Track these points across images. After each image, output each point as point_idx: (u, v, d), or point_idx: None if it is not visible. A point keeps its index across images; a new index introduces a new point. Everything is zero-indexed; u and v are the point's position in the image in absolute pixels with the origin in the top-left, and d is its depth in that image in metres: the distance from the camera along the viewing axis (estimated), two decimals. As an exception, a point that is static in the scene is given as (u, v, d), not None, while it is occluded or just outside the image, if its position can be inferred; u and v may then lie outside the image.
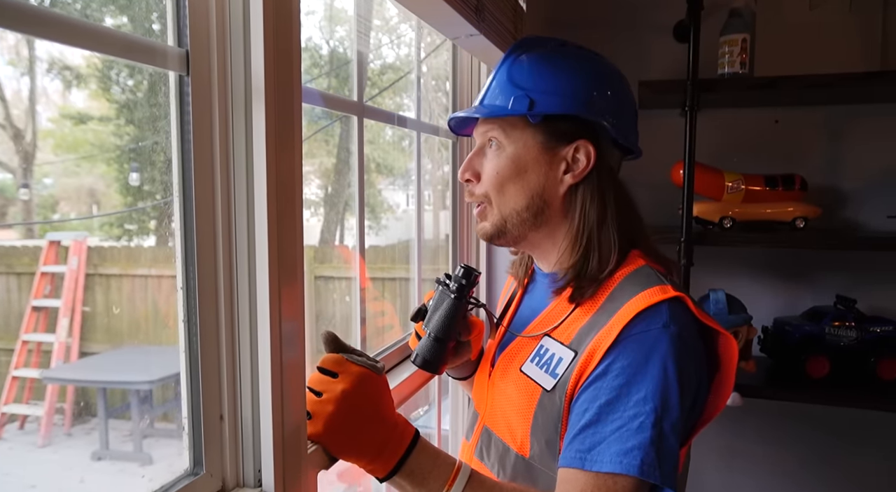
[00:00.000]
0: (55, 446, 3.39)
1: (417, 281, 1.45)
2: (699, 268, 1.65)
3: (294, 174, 0.74)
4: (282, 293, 0.73)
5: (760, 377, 1.71)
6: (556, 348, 0.89)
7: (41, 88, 3.11)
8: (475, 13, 1.15)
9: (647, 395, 0.77)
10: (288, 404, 0.75)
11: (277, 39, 0.71)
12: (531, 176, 0.92)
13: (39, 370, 3.49)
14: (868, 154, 1.79)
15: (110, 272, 3.71)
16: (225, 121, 0.70)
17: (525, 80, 0.92)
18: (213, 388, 0.72)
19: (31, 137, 3.04)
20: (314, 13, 3.64)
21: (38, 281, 3.56)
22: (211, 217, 0.70)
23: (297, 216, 0.76)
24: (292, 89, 0.74)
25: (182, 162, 0.69)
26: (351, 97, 1.10)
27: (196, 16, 0.67)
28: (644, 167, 1.82)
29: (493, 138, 0.94)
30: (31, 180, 3.02)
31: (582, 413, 0.80)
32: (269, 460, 0.73)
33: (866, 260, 1.80)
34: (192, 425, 0.71)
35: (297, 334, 0.77)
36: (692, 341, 0.83)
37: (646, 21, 1.90)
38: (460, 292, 0.95)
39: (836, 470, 1.90)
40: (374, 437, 0.82)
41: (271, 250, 0.71)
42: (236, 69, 0.70)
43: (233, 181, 0.71)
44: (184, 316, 0.70)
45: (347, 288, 3.08)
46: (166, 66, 0.67)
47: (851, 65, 1.68)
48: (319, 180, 4.27)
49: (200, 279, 0.69)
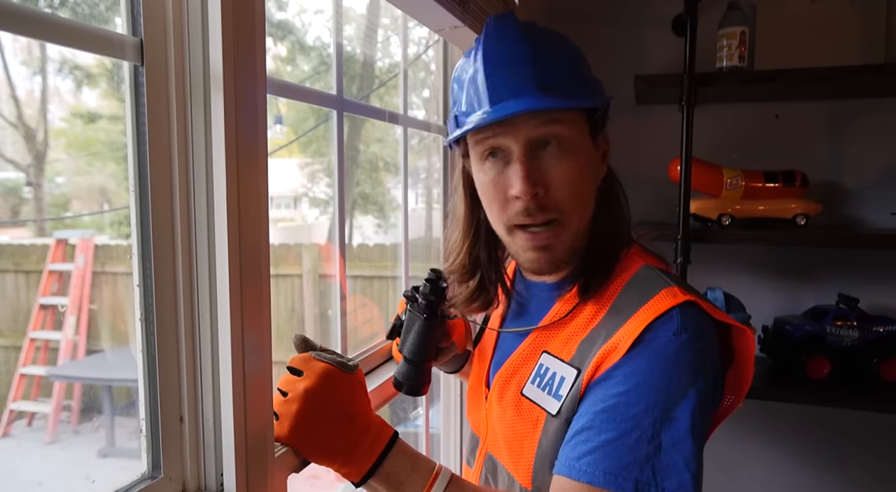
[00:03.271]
0: (62, 443, 3.41)
1: (405, 279, 1.43)
2: (697, 266, 1.62)
3: (258, 168, 0.72)
4: (244, 291, 0.70)
5: (760, 378, 1.68)
6: (558, 367, 0.80)
7: (53, 88, 3.13)
8: (459, 5, 1.13)
9: (648, 407, 0.70)
10: (252, 405, 0.73)
11: (238, 26, 0.68)
12: (596, 176, 0.84)
13: (47, 368, 3.52)
14: (871, 150, 1.74)
15: (117, 270, 3.73)
16: (183, 112, 0.68)
17: (575, 69, 0.80)
18: (171, 388, 0.70)
19: (42, 136, 3.05)
20: (322, 12, 3.64)
21: (46, 279, 3.59)
22: (169, 213, 0.68)
23: (262, 212, 0.74)
24: (255, 79, 0.72)
25: (138, 156, 0.67)
26: (332, 91, 1.08)
27: (151, 2, 0.65)
28: (641, 163, 1.80)
29: (554, 137, 0.78)
30: (43, 179, 3.04)
31: (578, 418, 0.75)
32: (230, 464, 0.71)
33: (869, 258, 1.75)
34: (150, 427, 0.69)
35: (262, 333, 0.74)
36: (706, 345, 0.76)
37: (643, 14, 1.86)
38: (430, 310, 0.91)
39: (836, 472, 1.85)
40: (344, 437, 0.77)
41: (232, 248, 0.68)
42: (194, 58, 0.68)
43: (192, 177, 0.69)
44: (140, 314, 0.68)
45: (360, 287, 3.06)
46: (121, 56, 0.65)
47: (854, 58, 1.63)
48: (328, 178, 4.28)
49: (157, 276, 0.67)
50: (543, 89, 0.76)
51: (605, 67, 1.04)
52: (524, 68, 0.76)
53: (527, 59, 0.76)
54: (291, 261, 3.70)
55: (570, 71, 0.79)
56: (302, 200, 4.85)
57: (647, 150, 1.81)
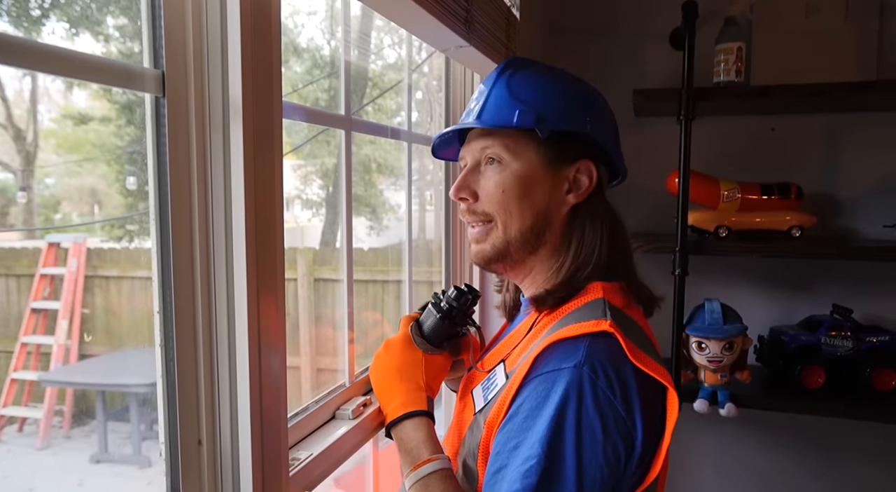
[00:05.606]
0: (54, 449, 3.39)
1: (409, 283, 1.44)
2: (695, 277, 1.64)
3: (274, 196, 0.74)
4: (261, 318, 0.72)
5: (755, 387, 1.70)
6: (500, 375, 0.89)
7: (43, 88, 3.11)
8: (464, 25, 1.14)
9: (539, 438, 0.73)
10: (268, 427, 0.74)
11: (256, 58, 0.70)
12: (537, 195, 0.90)
13: (38, 373, 3.50)
14: (864, 163, 1.77)
15: (110, 274, 3.71)
16: (203, 143, 0.69)
17: (527, 95, 0.89)
18: (191, 413, 0.71)
19: (32, 138, 3.03)
20: (315, 13, 3.63)
21: (38, 283, 3.57)
22: (189, 243, 0.69)
23: (279, 238, 0.75)
24: (272, 108, 0.73)
25: (158, 186, 0.68)
26: (338, 110, 1.09)
27: (172, 36, 0.66)
28: (640, 175, 1.81)
29: (494, 156, 0.90)
30: (33, 181, 3.01)
31: (495, 456, 0.78)
32: (248, 486, 0.72)
33: (863, 269, 1.78)
34: (170, 451, 0.70)
35: (278, 357, 0.76)
36: (612, 383, 0.75)
37: (642, 29, 1.88)
38: (447, 314, 0.95)
39: (830, 481, 1.88)
40: (389, 387, 0.95)
41: (249, 275, 0.70)
42: (213, 90, 0.69)
43: (211, 207, 0.70)
44: (160, 340, 0.69)
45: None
46: (142, 89, 0.66)
47: (848, 73, 1.66)
48: (321, 181, 4.27)
49: (177, 304, 0.68)
50: (480, 115, 0.90)
51: (603, 81, 1.06)
52: (481, 99, 0.92)
53: (485, 93, 0.91)
54: (286, 265, 3.68)
55: (518, 102, 0.88)
56: (295, 201, 4.85)
57: (646, 162, 1.83)
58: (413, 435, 0.90)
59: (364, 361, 1.21)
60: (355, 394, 1.10)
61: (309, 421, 0.96)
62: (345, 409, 1.02)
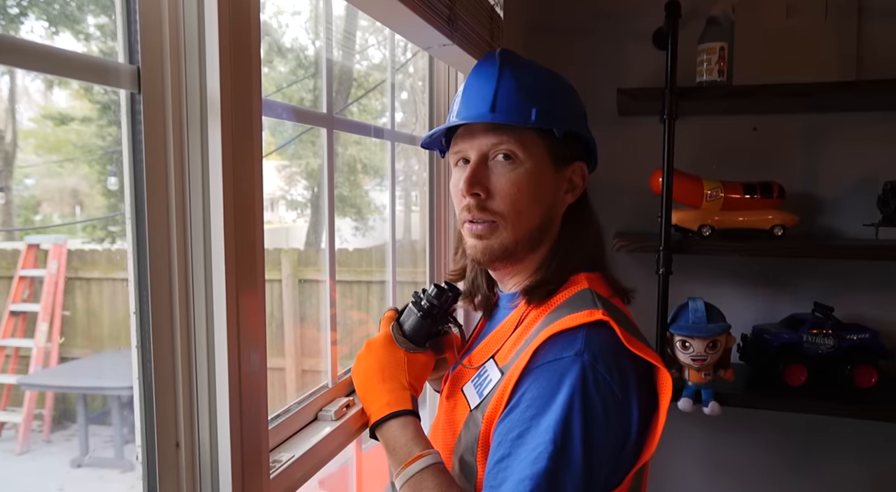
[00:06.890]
0: (33, 453, 3.34)
1: (392, 284, 1.43)
2: (678, 276, 1.65)
3: (254, 195, 0.72)
4: (241, 318, 0.71)
5: (739, 386, 1.71)
6: (492, 370, 0.89)
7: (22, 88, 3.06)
8: (447, 23, 1.14)
9: (549, 426, 0.75)
10: (248, 428, 0.73)
11: (235, 53, 0.69)
12: (546, 194, 0.91)
13: (17, 376, 3.44)
14: (844, 162, 1.79)
15: (91, 276, 3.66)
16: (180, 140, 0.68)
17: (538, 93, 0.89)
18: (168, 415, 0.70)
19: (11, 137, 2.98)
20: (300, 14, 3.61)
21: (17, 285, 3.51)
22: (166, 242, 0.68)
23: (258, 237, 0.74)
24: (251, 105, 0.72)
25: (134, 184, 0.66)
26: (320, 109, 1.08)
27: (148, 31, 0.65)
28: (624, 174, 1.82)
29: (510, 152, 0.88)
30: (12, 181, 2.96)
31: (497, 446, 0.80)
32: (227, 489, 0.71)
33: (843, 267, 1.80)
34: (147, 454, 0.69)
35: (258, 358, 0.75)
36: (611, 370, 0.79)
37: (625, 28, 1.89)
38: (428, 312, 0.95)
39: (813, 477, 1.90)
40: (371, 387, 0.93)
41: (228, 275, 0.69)
42: (191, 86, 0.68)
43: (188, 205, 0.69)
44: (137, 341, 0.68)
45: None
46: (117, 85, 0.64)
47: (828, 73, 1.68)
48: (306, 181, 4.24)
49: (154, 304, 0.67)
50: (494, 109, 0.87)
51: (587, 80, 1.06)
52: (488, 91, 0.88)
53: (491, 85, 0.89)
54: (270, 266, 3.66)
55: (531, 99, 0.88)
56: (279, 202, 4.81)
57: (629, 161, 1.84)
58: (400, 434, 0.89)
59: (348, 361, 1.20)
60: (338, 395, 1.09)
61: (291, 423, 0.95)
62: (327, 410, 1.01)
